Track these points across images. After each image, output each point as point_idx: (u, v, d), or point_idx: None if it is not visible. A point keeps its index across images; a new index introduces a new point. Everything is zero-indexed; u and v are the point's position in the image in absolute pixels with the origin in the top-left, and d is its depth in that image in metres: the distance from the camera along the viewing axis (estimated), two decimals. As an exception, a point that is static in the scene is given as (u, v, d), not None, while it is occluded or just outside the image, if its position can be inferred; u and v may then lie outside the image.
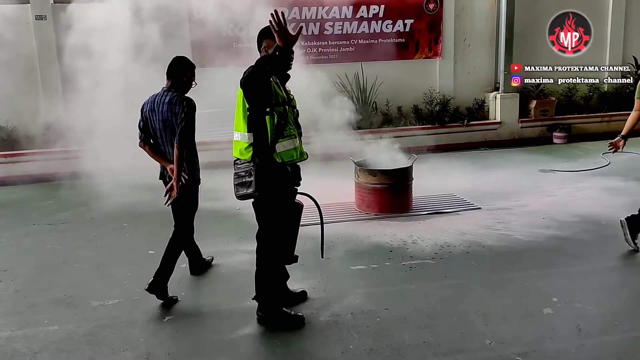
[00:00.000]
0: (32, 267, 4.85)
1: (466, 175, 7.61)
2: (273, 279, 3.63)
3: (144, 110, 4.01)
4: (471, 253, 4.79)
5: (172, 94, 3.94)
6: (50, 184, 8.03)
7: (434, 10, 9.58)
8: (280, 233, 3.57)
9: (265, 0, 9.09)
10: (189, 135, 3.91)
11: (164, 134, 3.96)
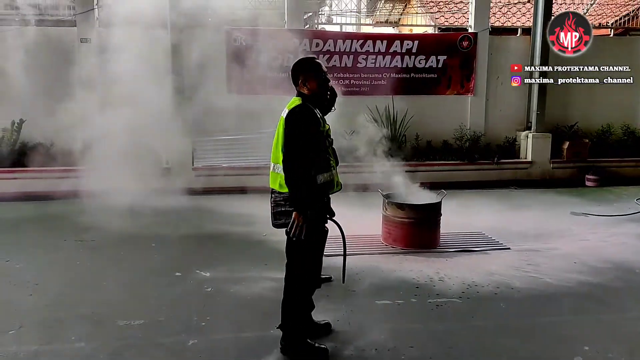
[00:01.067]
0: (61, 282, 4.93)
1: (495, 214, 7.52)
2: (299, 309, 3.62)
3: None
4: (499, 294, 4.70)
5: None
6: (83, 200, 8.21)
7: (468, 47, 9.63)
8: (311, 263, 3.59)
9: (300, 33, 9.33)
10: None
11: None
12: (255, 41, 9.17)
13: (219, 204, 8.03)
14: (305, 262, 3.55)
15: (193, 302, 4.50)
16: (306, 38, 9.27)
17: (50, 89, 8.73)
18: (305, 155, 3.33)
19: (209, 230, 6.68)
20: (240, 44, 9.15)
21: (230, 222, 6.97)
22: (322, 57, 9.28)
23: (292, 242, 3.50)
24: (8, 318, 4.16)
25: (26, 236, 6.47)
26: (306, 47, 9.24)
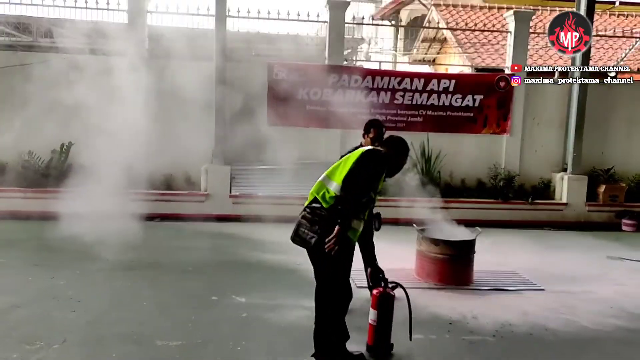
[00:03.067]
0: (102, 301, 5.10)
1: (530, 254, 7.46)
2: (333, 335, 3.69)
3: None
4: (534, 335, 4.67)
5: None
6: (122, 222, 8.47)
7: (505, 87, 9.72)
8: (338, 289, 3.70)
9: (340, 69, 9.58)
10: None
11: None
12: (296, 75, 9.45)
13: (254, 231, 8.19)
14: (336, 281, 3.68)
15: (229, 326, 4.59)
16: (345, 74, 9.51)
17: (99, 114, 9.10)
18: (367, 188, 3.68)
19: (245, 257, 6.82)
20: (281, 77, 9.43)
21: (266, 250, 7.10)
22: (360, 92, 9.48)
23: (324, 263, 3.65)
24: (52, 332, 4.32)
25: (69, 255, 6.69)
26: (345, 82, 9.47)
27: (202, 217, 8.97)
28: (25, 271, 5.90)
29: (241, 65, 9.72)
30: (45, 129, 8.95)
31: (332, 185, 3.68)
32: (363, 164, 3.67)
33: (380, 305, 4.08)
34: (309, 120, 9.50)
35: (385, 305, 4.11)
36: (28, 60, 9.33)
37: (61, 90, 8.69)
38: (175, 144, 9.14)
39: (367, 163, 3.69)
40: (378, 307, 4.09)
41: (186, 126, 8.91)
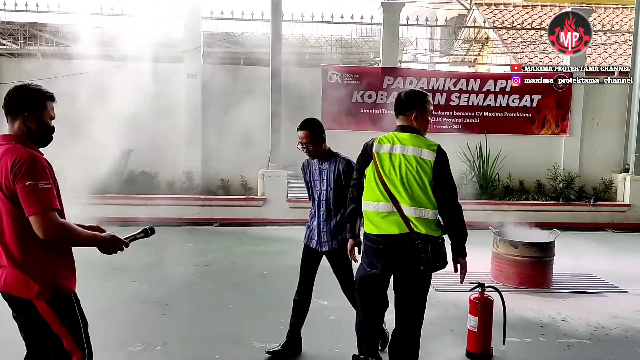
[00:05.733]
0: (188, 304, 5.17)
1: (601, 256, 7.31)
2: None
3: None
4: (631, 338, 4.56)
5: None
6: (186, 227, 8.60)
7: (564, 88, 9.57)
8: None
9: (394, 71, 9.56)
10: None
11: None
12: (350, 78, 9.47)
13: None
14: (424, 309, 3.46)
15: (320, 329, 4.61)
16: (399, 76, 9.49)
17: (157, 121, 9.27)
18: (457, 197, 3.32)
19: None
20: (335, 81, 9.46)
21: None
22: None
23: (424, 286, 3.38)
24: (151, 335, 4.39)
25: (142, 259, 6.80)
26: (399, 84, 9.44)
27: (259, 222, 9.05)
28: (105, 275, 6.01)
29: (295, 70, 9.77)
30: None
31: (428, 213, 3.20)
32: (448, 177, 3.24)
33: (481, 311, 4.04)
34: (364, 123, 9.51)
35: (486, 311, 4.07)
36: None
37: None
38: (231, 149, 9.25)
39: (449, 173, 3.25)
40: (479, 313, 4.04)
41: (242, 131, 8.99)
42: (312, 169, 4.04)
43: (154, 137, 9.29)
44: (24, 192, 2.26)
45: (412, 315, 3.40)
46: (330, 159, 3.95)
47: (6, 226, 2.36)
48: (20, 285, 2.38)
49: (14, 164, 2.28)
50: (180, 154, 9.51)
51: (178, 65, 9.64)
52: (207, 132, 9.56)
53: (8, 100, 2.45)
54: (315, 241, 4.03)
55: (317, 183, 4.00)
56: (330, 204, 3.94)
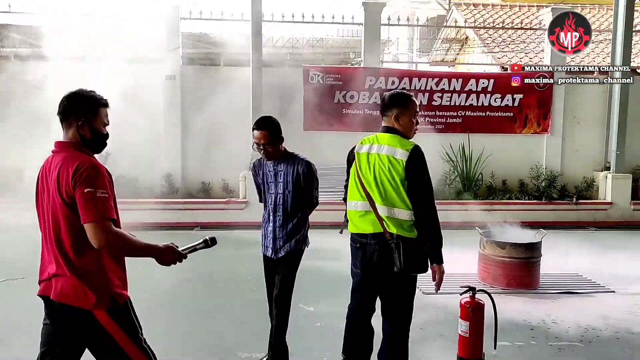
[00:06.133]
0: (169, 314, 5.00)
1: (585, 255, 7.31)
2: None
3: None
4: (622, 339, 4.52)
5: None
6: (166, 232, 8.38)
7: (544, 87, 9.59)
8: None
9: (376, 71, 9.48)
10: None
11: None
12: (332, 79, 9.36)
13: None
14: (412, 311, 3.46)
15: (307, 336, 4.48)
16: (381, 76, 9.40)
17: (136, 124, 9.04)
18: (433, 198, 3.27)
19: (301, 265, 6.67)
20: (317, 81, 9.34)
21: (321, 257, 6.95)
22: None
23: (408, 288, 3.38)
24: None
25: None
26: (382, 84, 9.36)
27: (242, 225, 8.87)
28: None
29: (276, 70, 9.63)
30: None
31: (401, 213, 3.21)
32: (421, 176, 3.21)
33: (472, 315, 3.94)
34: (346, 124, 9.40)
35: (477, 316, 3.96)
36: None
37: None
38: (211, 151, 9.07)
39: (423, 173, 3.22)
40: (470, 317, 3.94)
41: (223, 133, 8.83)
42: (266, 170, 3.78)
43: (132, 140, 9.04)
44: (82, 199, 2.25)
45: (398, 319, 3.42)
46: (288, 160, 3.69)
47: (64, 234, 2.33)
48: (78, 294, 2.33)
49: (75, 170, 2.28)
50: (160, 157, 9.29)
51: (156, 67, 9.41)
52: (187, 134, 9.37)
53: (63, 107, 2.43)
54: (271, 249, 3.78)
55: (271, 185, 3.75)
56: (288, 207, 3.71)
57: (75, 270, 2.33)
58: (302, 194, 3.69)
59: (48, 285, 2.39)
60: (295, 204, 3.70)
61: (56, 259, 2.36)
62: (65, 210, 2.31)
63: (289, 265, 3.80)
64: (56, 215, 2.34)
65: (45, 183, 2.41)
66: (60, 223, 2.33)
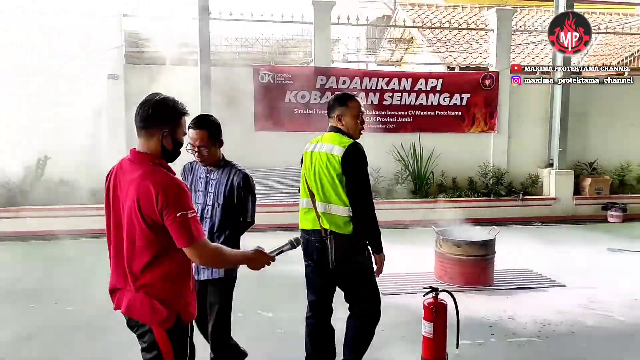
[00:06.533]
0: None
1: (534, 250, 7.50)
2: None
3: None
4: (577, 333, 4.63)
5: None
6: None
7: (490, 86, 9.81)
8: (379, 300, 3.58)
9: (327, 71, 9.41)
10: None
11: None
12: (283, 78, 9.22)
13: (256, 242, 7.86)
14: (377, 292, 3.56)
15: (270, 344, 4.35)
16: (332, 75, 9.34)
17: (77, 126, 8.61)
18: (371, 194, 3.40)
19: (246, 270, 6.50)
20: (267, 81, 9.17)
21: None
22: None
23: (360, 279, 3.47)
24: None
25: (68, 277, 6.21)
26: (333, 84, 9.30)
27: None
28: (22, 298, 5.41)
29: (226, 70, 9.40)
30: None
31: (338, 209, 3.33)
32: (357, 173, 3.31)
33: (436, 316, 3.92)
34: (298, 124, 9.28)
35: (441, 316, 3.95)
36: None
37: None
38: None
39: (359, 169, 3.33)
40: (434, 318, 3.92)
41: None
42: (197, 176, 3.37)
43: (73, 143, 8.61)
44: (175, 225, 2.22)
45: (357, 308, 3.52)
46: (223, 168, 3.32)
47: (139, 251, 2.28)
48: (144, 309, 2.31)
49: (162, 193, 2.21)
50: (104, 160, 8.83)
51: (98, 66, 8.98)
52: (133, 136, 8.92)
53: (146, 115, 2.32)
54: (194, 266, 3.25)
55: (199, 195, 3.32)
56: (215, 222, 3.28)
57: (143, 286, 2.30)
58: (233, 210, 3.30)
59: (117, 298, 2.41)
60: (225, 220, 3.28)
61: (124, 273, 2.34)
62: (146, 232, 2.25)
63: (219, 294, 3.37)
64: (132, 233, 2.28)
65: (118, 194, 2.34)
66: (135, 240, 2.28)
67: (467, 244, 5.77)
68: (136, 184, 2.24)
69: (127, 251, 2.30)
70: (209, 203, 3.30)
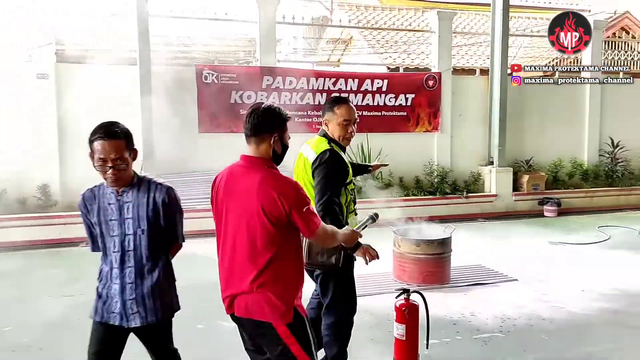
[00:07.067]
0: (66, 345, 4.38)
1: (481, 246, 7.69)
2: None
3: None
4: (536, 327, 4.75)
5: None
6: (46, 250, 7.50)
7: (433, 86, 10.00)
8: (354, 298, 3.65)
9: (273, 71, 9.25)
10: None
11: None
12: (227, 78, 8.98)
13: (205, 248, 7.57)
14: (351, 299, 3.63)
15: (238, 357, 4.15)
16: (279, 75, 9.20)
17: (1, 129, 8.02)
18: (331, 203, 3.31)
19: (211, 278, 6.20)
20: (211, 81, 8.90)
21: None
22: (296, 94, 9.24)
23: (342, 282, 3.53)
24: None
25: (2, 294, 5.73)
26: (279, 84, 9.16)
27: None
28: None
29: (167, 70, 9.04)
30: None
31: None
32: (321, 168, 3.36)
33: (409, 318, 3.89)
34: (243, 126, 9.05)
35: (413, 318, 3.91)
36: None
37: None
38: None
39: (332, 170, 3.37)
40: (406, 320, 3.89)
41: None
42: (104, 204, 2.69)
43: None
44: (303, 220, 2.46)
45: (328, 304, 3.51)
46: (139, 186, 2.71)
47: (261, 250, 2.44)
48: (264, 307, 2.46)
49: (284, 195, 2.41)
50: (33, 166, 8.26)
51: (26, 64, 8.38)
52: (65, 140, 8.42)
53: (257, 122, 2.51)
54: (117, 315, 2.68)
55: (113, 225, 2.67)
56: (143, 253, 2.70)
57: (262, 285, 2.46)
58: (162, 235, 2.74)
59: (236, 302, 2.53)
60: (153, 248, 2.72)
61: (242, 276, 2.48)
62: (271, 231, 2.43)
63: (165, 339, 2.88)
64: (253, 235, 2.44)
65: (232, 198, 2.50)
66: (257, 241, 2.44)
67: (426, 243, 5.82)
68: (257, 187, 2.44)
69: (248, 253, 2.46)
70: (129, 232, 2.67)
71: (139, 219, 2.67)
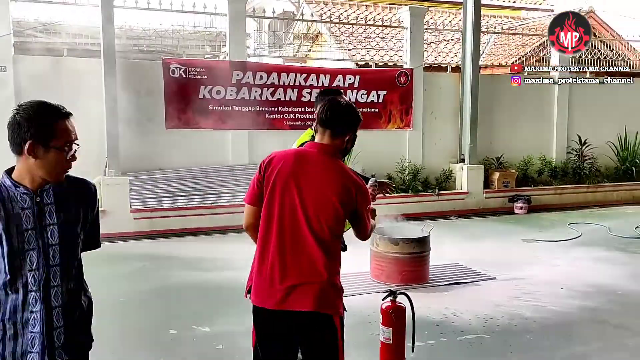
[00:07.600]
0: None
1: (456, 244, 7.62)
2: None
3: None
4: (519, 326, 4.70)
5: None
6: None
7: (405, 83, 9.92)
8: None
9: (243, 65, 9.00)
10: None
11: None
12: (195, 73, 8.67)
13: (173, 248, 7.33)
14: None
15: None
16: (249, 70, 8.94)
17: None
18: None
19: (182, 280, 6.00)
20: (179, 75, 8.57)
21: (203, 268, 6.35)
22: (267, 90, 9.01)
23: None
24: None
25: None
26: (249, 79, 8.91)
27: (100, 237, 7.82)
28: None
29: (133, 63, 8.67)
30: None
31: None
32: None
33: (395, 321, 3.76)
34: (213, 121, 8.80)
35: (399, 320, 3.78)
36: None
37: None
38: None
39: None
40: (393, 323, 3.75)
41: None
42: (14, 209, 1.91)
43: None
44: (364, 216, 2.53)
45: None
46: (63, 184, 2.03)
47: (329, 240, 2.42)
48: (331, 299, 2.42)
49: (356, 189, 2.46)
50: None
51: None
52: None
53: (343, 119, 2.58)
54: (37, 355, 1.91)
55: (30, 236, 1.91)
56: (73, 269, 2.01)
57: (326, 276, 2.40)
58: (89, 244, 2.12)
59: (293, 293, 2.37)
60: (78, 263, 2.05)
61: (300, 267, 2.39)
62: (341, 217, 2.44)
63: None
64: (326, 218, 2.40)
65: (301, 180, 2.43)
66: (328, 226, 2.40)
67: (405, 242, 5.71)
68: (335, 175, 2.45)
69: (321, 240, 2.39)
70: (54, 242, 1.94)
71: (68, 227, 2.01)
